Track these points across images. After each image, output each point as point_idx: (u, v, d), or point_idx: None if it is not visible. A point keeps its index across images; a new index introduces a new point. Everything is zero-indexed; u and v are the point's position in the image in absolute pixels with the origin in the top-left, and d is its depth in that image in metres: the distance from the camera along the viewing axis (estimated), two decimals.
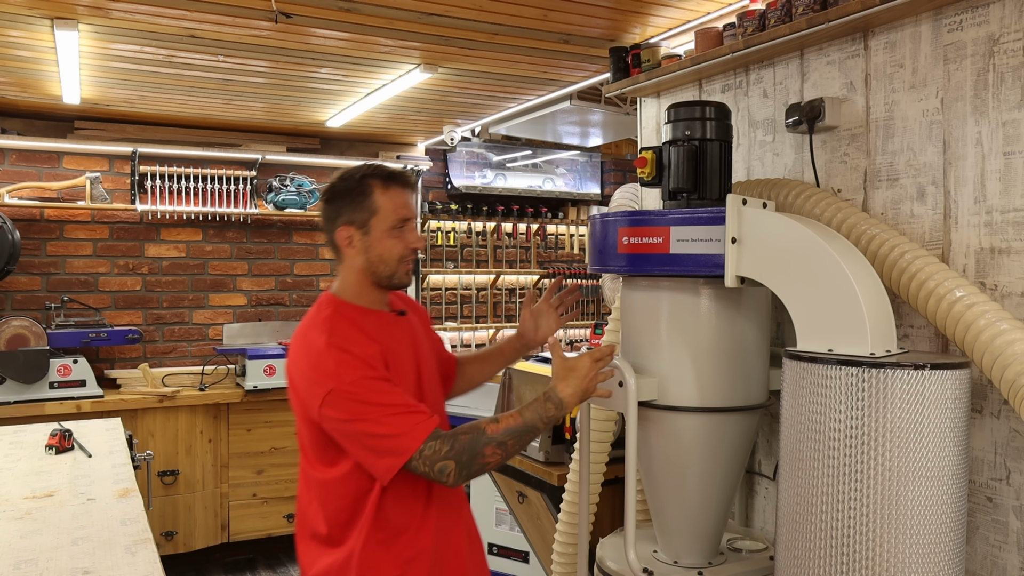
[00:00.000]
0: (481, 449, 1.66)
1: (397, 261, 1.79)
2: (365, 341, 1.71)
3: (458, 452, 1.64)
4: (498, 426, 1.68)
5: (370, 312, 1.82)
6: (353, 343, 1.69)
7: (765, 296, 2.06)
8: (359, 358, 1.67)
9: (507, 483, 3.01)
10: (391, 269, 1.80)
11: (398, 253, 1.79)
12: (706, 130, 2.03)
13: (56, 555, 1.85)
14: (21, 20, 2.87)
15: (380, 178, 1.79)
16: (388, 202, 1.78)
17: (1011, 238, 1.75)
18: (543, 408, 1.73)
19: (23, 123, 4.60)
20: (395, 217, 1.78)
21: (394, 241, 1.79)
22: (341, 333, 1.71)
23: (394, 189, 1.79)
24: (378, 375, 1.67)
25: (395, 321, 1.87)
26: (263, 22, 2.87)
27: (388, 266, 1.79)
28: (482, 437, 1.66)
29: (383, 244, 1.78)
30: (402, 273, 1.81)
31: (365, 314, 1.81)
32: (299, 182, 5.07)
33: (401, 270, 1.80)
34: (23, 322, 4.10)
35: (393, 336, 1.82)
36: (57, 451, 2.84)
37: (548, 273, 5.93)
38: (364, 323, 1.78)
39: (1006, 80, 1.75)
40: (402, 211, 1.79)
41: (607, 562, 2.16)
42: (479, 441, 1.66)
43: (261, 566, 4.67)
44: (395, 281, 1.82)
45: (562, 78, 3.70)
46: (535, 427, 1.70)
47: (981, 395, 1.82)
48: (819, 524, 1.64)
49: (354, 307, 1.81)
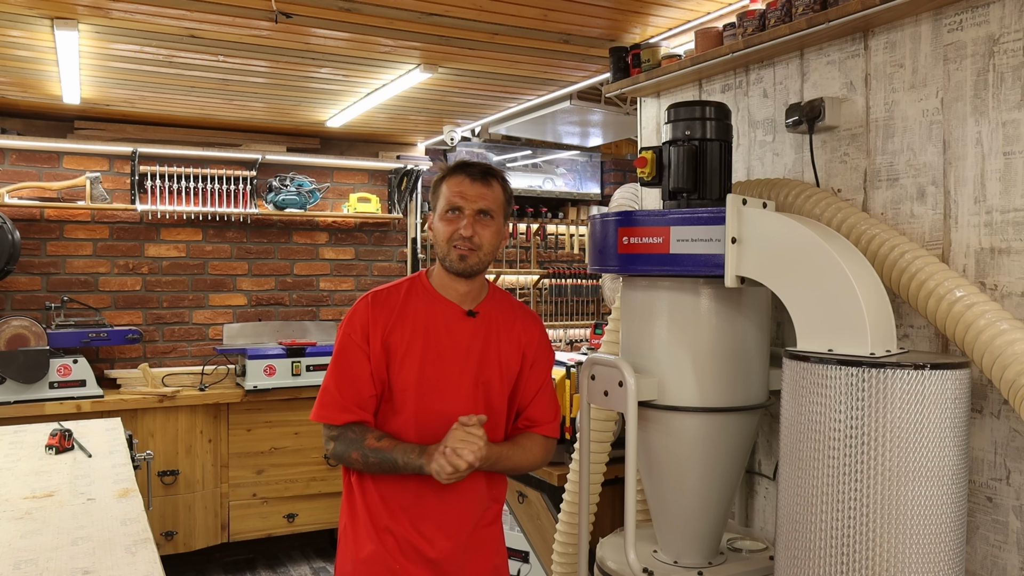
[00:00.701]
0: (350, 452, 1.90)
1: (446, 243, 1.92)
2: (389, 307, 1.94)
3: (338, 439, 1.91)
4: (378, 443, 1.88)
5: (436, 297, 1.98)
6: (379, 304, 1.94)
7: (765, 296, 2.06)
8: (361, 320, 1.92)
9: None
10: (443, 251, 1.93)
11: (445, 235, 1.92)
12: (706, 130, 2.03)
13: (56, 555, 1.85)
14: (21, 20, 2.87)
15: (452, 169, 1.96)
16: (447, 189, 1.93)
17: (1011, 238, 1.75)
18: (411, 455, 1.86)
19: (23, 123, 4.60)
20: (448, 203, 1.92)
21: (444, 224, 1.92)
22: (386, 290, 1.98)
23: (456, 177, 1.93)
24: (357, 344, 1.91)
25: (458, 318, 1.97)
26: (263, 22, 2.88)
27: (440, 248, 1.94)
28: (359, 443, 1.89)
29: (438, 228, 1.94)
30: (454, 257, 1.91)
31: (430, 296, 1.98)
32: (299, 182, 5.07)
33: (452, 254, 1.91)
34: (23, 322, 4.10)
35: (438, 324, 1.95)
36: (57, 451, 2.84)
37: (548, 273, 5.93)
38: (415, 299, 1.96)
39: (1006, 80, 1.75)
40: (455, 199, 1.91)
41: (607, 562, 2.16)
42: (354, 444, 1.89)
43: (261, 566, 4.67)
44: (447, 264, 1.94)
45: (562, 78, 3.70)
46: (395, 462, 1.87)
47: (981, 395, 1.82)
48: (819, 524, 1.64)
49: (427, 285, 1.99)
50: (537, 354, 2.06)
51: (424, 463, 1.83)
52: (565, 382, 2.75)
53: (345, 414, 1.90)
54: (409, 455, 1.85)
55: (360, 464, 1.89)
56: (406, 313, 1.93)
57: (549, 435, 2.06)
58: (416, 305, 1.95)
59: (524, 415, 2.04)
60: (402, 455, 1.85)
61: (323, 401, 1.93)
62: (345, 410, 1.90)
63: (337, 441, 1.91)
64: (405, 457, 1.85)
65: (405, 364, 1.91)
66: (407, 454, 1.85)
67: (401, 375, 1.92)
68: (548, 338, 2.12)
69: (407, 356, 1.91)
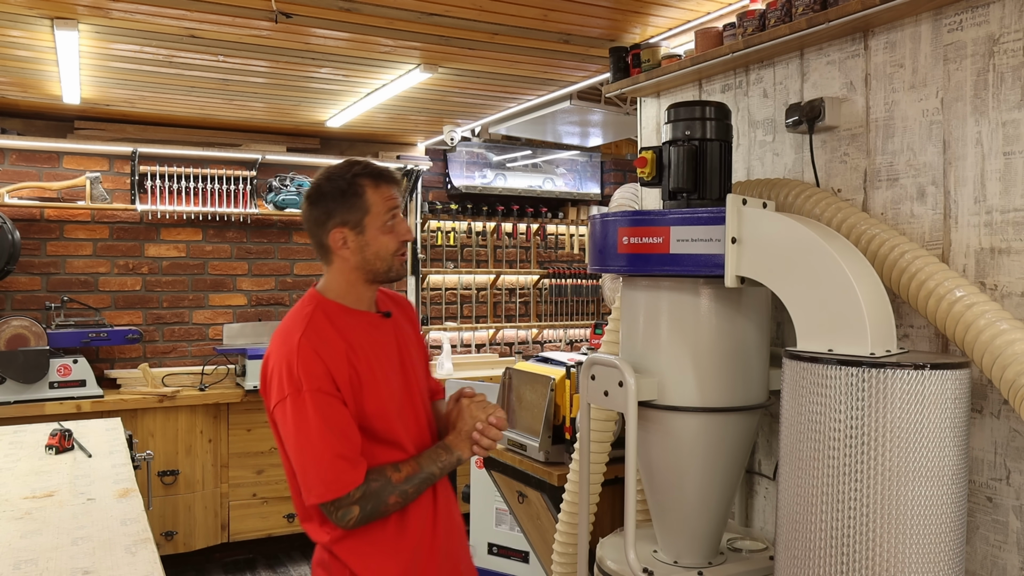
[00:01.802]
0: (386, 498, 1.73)
1: (392, 255, 1.82)
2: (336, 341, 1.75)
3: (364, 499, 1.70)
4: (401, 474, 1.75)
5: (353, 312, 1.84)
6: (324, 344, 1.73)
7: (765, 296, 2.06)
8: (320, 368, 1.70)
9: (507, 483, 3.00)
10: (387, 264, 1.82)
11: (393, 247, 1.82)
12: (706, 130, 2.03)
13: (56, 555, 1.85)
14: (21, 20, 2.87)
15: (370, 176, 1.80)
16: (379, 199, 1.80)
17: (1011, 238, 1.75)
18: (441, 458, 1.81)
19: (23, 123, 4.60)
20: (387, 214, 1.80)
21: (388, 236, 1.81)
22: (311, 329, 1.75)
23: (383, 186, 1.81)
24: (332, 393, 1.71)
25: (379, 323, 1.88)
26: (263, 22, 2.87)
27: (384, 261, 1.82)
28: (388, 486, 1.72)
29: (379, 241, 1.80)
30: (398, 265, 1.84)
31: (347, 313, 1.82)
32: (299, 182, 5.07)
33: (397, 263, 1.84)
34: (23, 322, 4.10)
35: (373, 337, 1.84)
36: (57, 451, 2.84)
37: (548, 273, 5.93)
38: (343, 322, 1.80)
39: (1006, 80, 1.75)
40: (392, 204, 1.82)
41: (607, 562, 2.16)
42: (385, 490, 1.72)
43: (261, 566, 4.67)
44: (392, 275, 1.84)
45: (562, 78, 3.70)
46: (432, 474, 1.79)
47: (981, 395, 1.82)
48: (819, 524, 1.64)
49: (337, 306, 1.83)
50: (418, 332, 2.06)
51: (461, 453, 1.81)
52: (565, 382, 2.75)
53: (360, 469, 1.70)
54: (440, 459, 1.80)
55: (399, 504, 1.75)
56: (347, 339, 1.77)
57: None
58: (347, 328, 1.79)
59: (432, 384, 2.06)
60: (432, 463, 1.79)
61: (334, 474, 1.68)
62: (358, 464, 1.71)
63: (363, 501, 1.70)
64: (437, 464, 1.80)
65: (373, 389, 1.78)
66: (435, 460, 1.80)
67: (373, 402, 1.77)
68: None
69: (372, 380, 1.78)
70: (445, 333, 5.57)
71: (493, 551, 3.73)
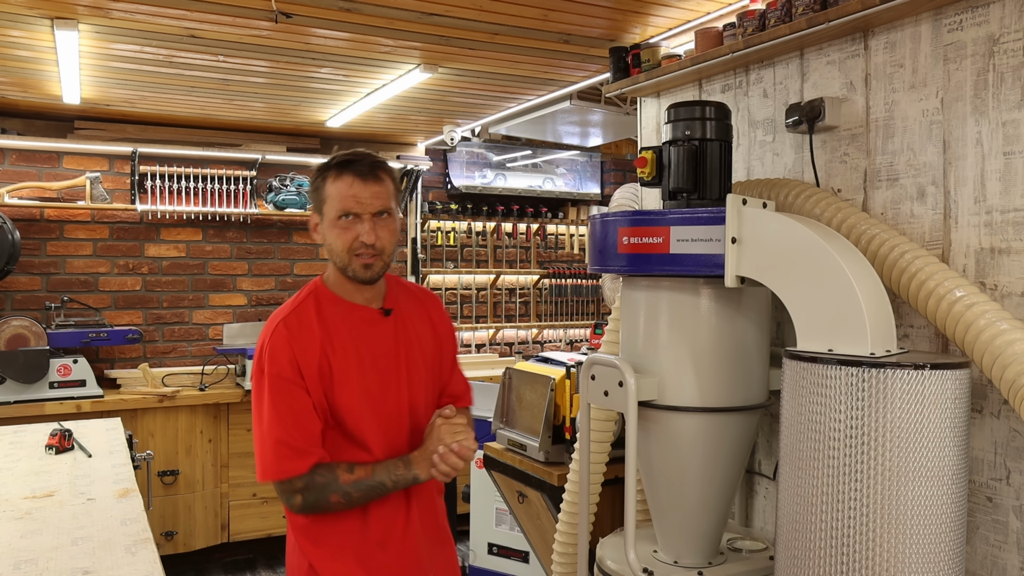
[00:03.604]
0: (328, 496, 1.71)
1: (345, 253, 1.73)
2: (313, 330, 1.73)
3: (306, 490, 1.71)
4: (351, 476, 1.71)
5: (345, 304, 1.80)
6: (300, 332, 1.72)
7: (765, 296, 2.06)
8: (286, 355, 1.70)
9: (507, 483, 3.00)
10: (343, 261, 1.74)
11: (342, 245, 1.72)
12: (706, 130, 2.03)
13: (56, 555, 1.85)
14: (21, 20, 2.87)
15: (336, 167, 1.73)
16: (335, 191, 1.71)
17: (1011, 238, 1.75)
18: (398, 471, 1.74)
19: (23, 123, 4.60)
20: (339, 208, 1.71)
21: (339, 232, 1.72)
22: (294, 314, 1.74)
23: (345, 178, 1.71)
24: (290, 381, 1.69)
25: (375, 319, 1.82)
26: (263, 22, 2.87)
27: (339, 257, 1.74)
28: (333, 484, 1.70)
29: (330, 234, 1.74)
30: (357, 266, 1.74)
31: (338, 304, 1.79)
32: (299, 182, 5.07)
33: (355, 263, 1.73)
34: (23, 322, 4.10)
35: (361, 332, 1.79)
36: (57, 451, 2.84)
37: (548, 273, 5.93)
38: (331, 312, 1.78)
39: (1006, 80, 1.75)
40: (347, 203, 1.70)
41: (607, 562, 2.16)
42: (329, 487, 1.70)
43: (261, 566, 4.67)
44: (350, 274, 1.75)
45: (562, 78, 3.70)
46: (383, 484, 1.73)
47: (981, 395, 1.82)
48: (819, 524, 1.64)
49: (332, 295, 1.80)
50: (445, 331, 1.98)
51: (417, 473, 1.74)
52: (565, 382, 2.75)
53: (306, 460, 1.69)
54: (395, 472, 1.73)
55: (343, 504, 1.73)
56: (328, 330, 1.74)
57: (468, 407, 2.02)
58: (333, 318, 1.76)
59: (446, 392, 1.98)
60: (387, 475, 1.73)
61: (277, 455, 1.69)
62: (305, 455, 1.69)
63: (306, 492, 1.70)
64: (392, 476, 1.73)
65: (347, 381, 1.75)
66: (392, 472, 1.73)
67: (345, 393, 1.75)
68: (446, 310, 2.04)
69: (346, 373, 1.74)
70: None
71: (493, 551, 3.73)
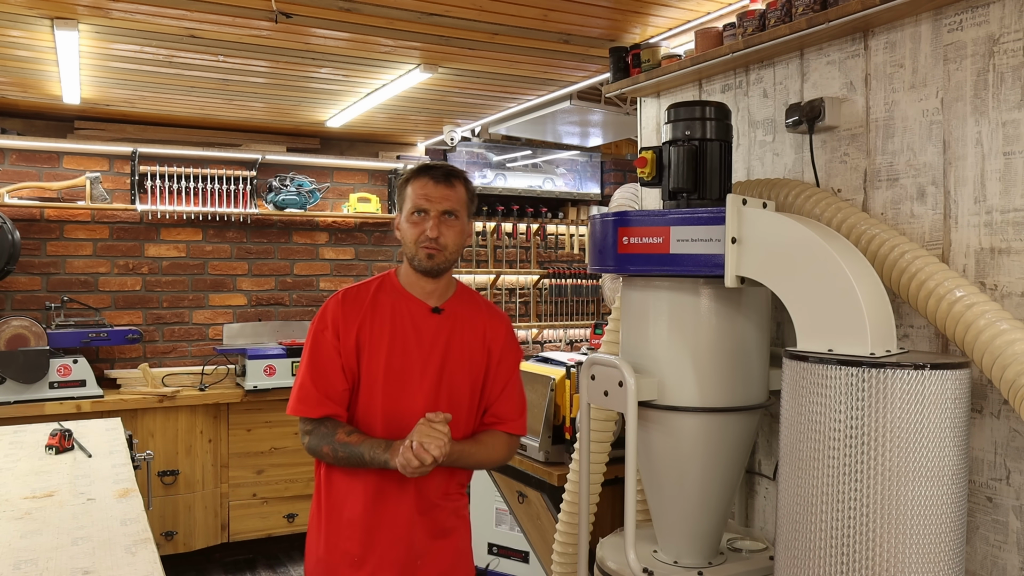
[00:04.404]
0: (322, 445, 1.95)
1: (413, 244, 1.97)
2: (363, 307, 1.99)
3: (312, 433, 1.97)
4: (345, 438, 1.93)
5: (403, 294, 2.03)
6: (352, 304, 2.00)
7: (765, 296, 2.06)
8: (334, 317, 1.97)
9: (507, 483, 3.00)
10: (411, 251, 1.99)
11: (412, 236, 1.96)
12: (706, 130, 2.03)
13: (56, 555, 1.85)
14: (21, 20, 2.87)
15: (417, 171, 2.00)
16: (412, 191, 1.98)
17: (1011, 238, 1.75)
18: (377, 450, 1.90)
19: (23, 123, 4.60)
20: (413, 205, 1.96)
21: (410, 226, 1.97)
22: (356, 287, 2.04)
23: (420, 180, 1.97)
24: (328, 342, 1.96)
25: (424, 315, 2.02)
26: (263, 22, 2.88)
27: (408, 248, 1.99)
28: (330, 437, 1.94)
29: (404, 228, 2.00)
30: (421, 256, 1.97)
31: (396, 292, 2.03)
32: (299, 182, 5.07)
33: (420, 253, 1.97)
34: (23, 322, 4.10)
35: (405, 322, 2.00)
36: (57, 451, 2.84)
37: (548, 273, 5.93)
38: (386, 297, 2.02)
39: (1006, 80, 1.75)
40: (419, 201, 1.96)
41: (607, 562, 2.16)
42: (326, 439, 1.94)
43: (261, 566, 4.67)
44: (415, 264, 2.00)
45: (562, 78, 3.70)
46: (361, 456, 1.91)
47: (981, 395, 1.82)
48: (819, 524, 1.64)
49: (395, 283, 2.05)
50: (504, 351, 2.09)
51: (388, 458, 1.87)
52: (565, 382, 2.75)
53: (320, 408, 1.95)
54: (375, 450, 1.90)
55: (331, 458, 1.95)
56: (375, 309, 2.00)
57: (514, 432, 2.10)
58: (384, 301, 2.01)
59: (490, 411, 2.08)
60: (368, 450, 1.90)
61: (299, 396, 1.97)
62: (320, 404, 1.95)
63: (312, 435, 1.96)
64: (371, 452, 1.90)
65: (373, 358, 1.97)
66: (373, 449, 1.90)
67: (369, 368, 1.97)
68: (515, 336, 2.15)
69: (375, 350, 1.97)
70: None
71: (493, 551, 3.73)
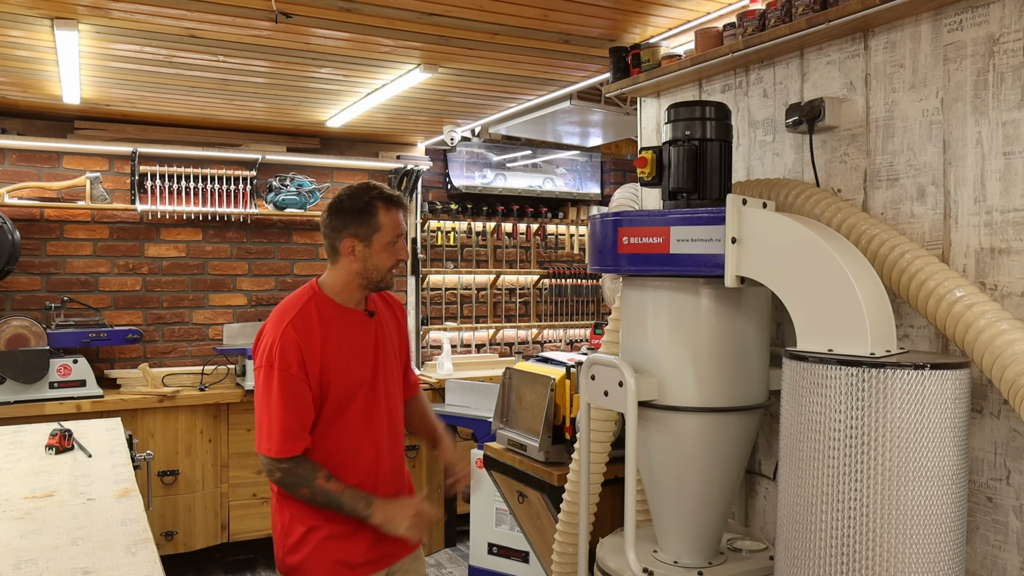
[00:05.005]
0: (299, 488, 2.04)
1: (388, 270, 2.15)
2: (315, 332, 2.08)
3: (288, 472, 2.04)
4: (325, 484, 2.03)
5: (340, 308, 2.16)
6: (305, 334, 2.06)
7: (765, 296, 2.06)
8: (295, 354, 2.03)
9: (507, 483, 3.00)
10: (382, 275, 2.15)
11: (390, 264, 2.15)
12: (706, 130, 2.03)
13: (56, 555, 1.85)
14: (21, 20, 2.87)
15: (383, 201, 2.13)
16: (389, 222, 2.12)
17: (1011, 238, 1.75)
18: (358, 504, 2.05)
19: (23, 123, 4.60)
20: (393, 235, 2.13)
21: (388, 254, 2.14)
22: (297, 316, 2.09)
23: (393, 211, 2.13)
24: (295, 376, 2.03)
25: (363, 321, 2.20)
26: (263, 22, 2.87)
27: (380, 273, 2.15)
28: (310, 480, 2.03)
29: (380, 256, 2.13)
30: (389, 278, 2.18)
31: (335, 308, 2.15)
32: (299, 182, 5.07)
33: (389, 276, 2.18)
34: (23, 322, 4.10)
35: (351, 331, 2.16)
36: (57, 451, 2.84)
37: (548, 273, 5.93)
38: (329, 315, 2.13)
39: (1006, 80, 1.75)
40: (398, 229, 2.14)
41: (607, 562, 2.16)
42: (304, 481, 2.04)
43: (261, 566, 4.67)
44: (382, 285, 2.18)
45: (562, 78, 3.70)
46: (341, 506, 2.04)
47: (981, 395, 1.82)
48: (819, 524, 1.64)
49: (329, 301, 2.15)
50: (405, 331, 2.41)
51: (371, 515, 2.04)
52: (565, 382, 2.75)
53: (301, 443, 2.04)
54: (356, 503, 2.04)
55: (307, 499, 2.05)
56: (325, 330, 2.10)
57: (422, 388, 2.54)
58: (330, 320, 2.13)
59: (406, 382, 2.38)
60: (349, 502, 2.04)
61: (284, 437, 2.02)
62: (301, 439, 2.04)
63: (287, 473, 2.03)
64: (352, 504, 2.04)
65: (339, 372, 2.10)
66: (354, 502, 2.04)
67: (337, 382, 2.09)
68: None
69: (339, 365, 2.10)
70: (445, 333, 5.57)
71: (493, 551, 3.73)
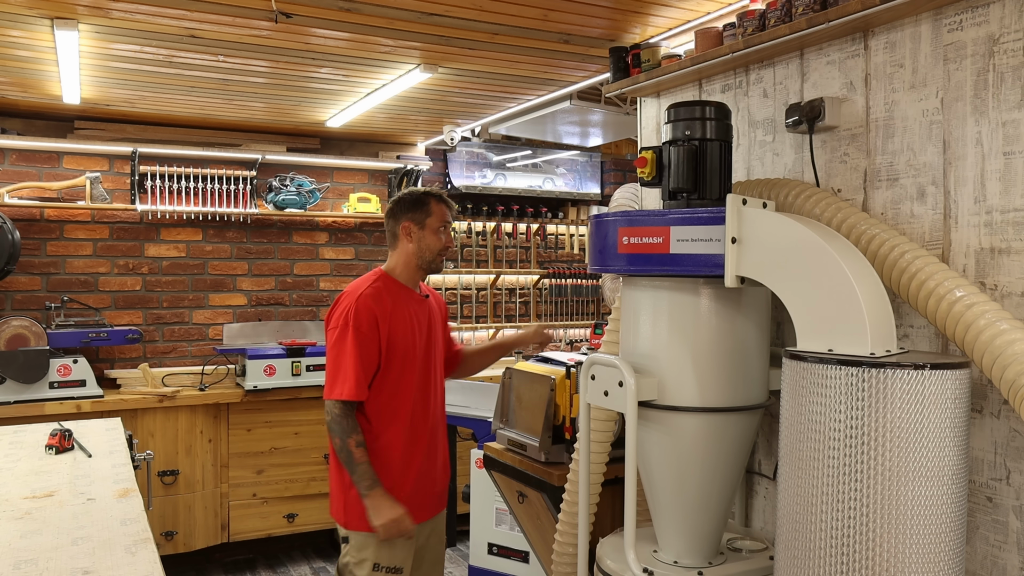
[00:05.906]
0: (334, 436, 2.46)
1: (437, 252, 2.64)
2: (385, 303, 2.54)
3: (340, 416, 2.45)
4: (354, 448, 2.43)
5: (404, 288, 2.64)
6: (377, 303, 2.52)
7: (765, 296, 2.06)
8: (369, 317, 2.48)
9: (507, 483, 3.00)
10: (433, 256, 2.64)
11: (439, 246, 2.63)
12: (706, 130, 2.03)
13: (56, 555, 1.85)
14: (21, 20, 2.87)
15: (434, 196, 2.66)
16: (438, 211, 2.63)
17: (1011, 238, 1.75)
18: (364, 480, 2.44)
19: (23, 123, 4.60)
20: (441, 221, 2.63)
21: (437, 237, 2.63)
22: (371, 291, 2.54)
23: (442, 204, 2.65)
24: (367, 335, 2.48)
25: (420, 301, 2.68)
26: (263, 22, 2.88)
27: (432, 253, 2.63)
28: (343, 434, 2.44)
29: (431, 239, 2.63)
30: (439, 262, 2.66)
31: (399, 287, 2.63)
32: (299, 182, 5.07)
33: (438, 260, 2.65)
34: (23, 322, 4.10)
35: (412, 309, 2.62)
36: (57, 451, 2.84)
37: (548, 273, 5.93)
38: (394, 292, 2.60)
39: (1006, 80, 1.75)
40: (445, 218, 2.64)
41: (607, 562, 2.16)
42: (340, 432, 2.44)
43: (261, 566, 4.67)
44: (433, 267, 2.65)
45: (562, 78, 3.70)
46: (353, 471, 2.45)
47: (981, 395, 1.82)
48: (819, 524, 1.64)
49: (394, 281, 2.64)
50: (447, 313, 2.89)
51: (367, 495, 2.43)
52: (565, 382, 2.74)
53: (362, 392, 2.46)
54: (364, 478, 2.43)
55: (336, 447, 2.47)
56: (395, 304, 2.57)
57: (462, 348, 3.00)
58: (397, 298, 2.59)
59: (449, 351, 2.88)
60: (360, 472, 2.43)
61: (354, 382, 2.43)
62: (363, 389, 2.46)
63: (340, 417, 2.43)
64: (361, 476, 2.43)
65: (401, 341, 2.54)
66: (363, 476, 2.43)
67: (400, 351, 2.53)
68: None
69: (402, 335, 2.55)
70: None
71: (493, 551, 3.73)
